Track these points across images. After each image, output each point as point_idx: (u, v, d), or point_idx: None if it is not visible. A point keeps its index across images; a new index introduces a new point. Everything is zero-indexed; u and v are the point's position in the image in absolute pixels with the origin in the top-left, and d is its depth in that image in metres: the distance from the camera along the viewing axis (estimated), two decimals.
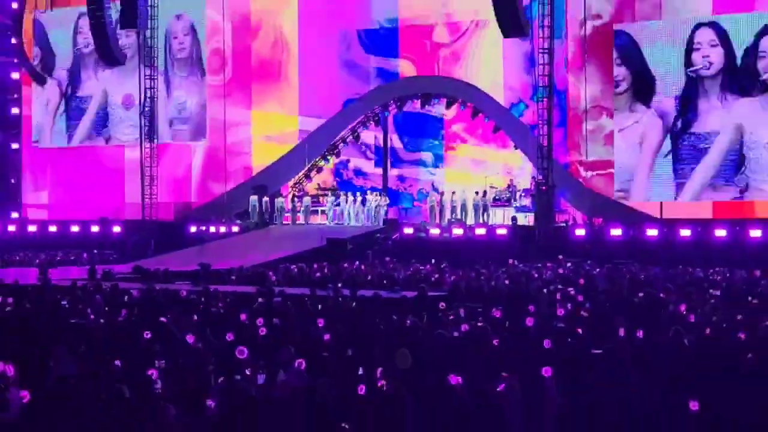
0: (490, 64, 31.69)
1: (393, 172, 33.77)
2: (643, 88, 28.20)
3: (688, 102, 27.51)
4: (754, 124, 26.94)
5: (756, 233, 25.64)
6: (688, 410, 8.82)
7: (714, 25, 27.30)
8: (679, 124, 27.59)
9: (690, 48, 27.27)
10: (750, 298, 16.79)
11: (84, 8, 31.58)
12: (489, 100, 30.52)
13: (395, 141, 33.91)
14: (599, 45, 29.51)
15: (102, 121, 37.24)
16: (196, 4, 34.82)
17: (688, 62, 27.54)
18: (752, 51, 26.56)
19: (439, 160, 33.55)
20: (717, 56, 26.97)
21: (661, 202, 28.37)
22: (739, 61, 26.88)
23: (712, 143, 27.42)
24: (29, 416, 7.50)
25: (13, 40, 37.72)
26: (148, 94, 32.66)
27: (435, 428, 8.46)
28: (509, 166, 31.66)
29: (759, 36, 26.40)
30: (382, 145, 33.25)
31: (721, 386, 9.49)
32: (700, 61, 27.32)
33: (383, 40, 33.92)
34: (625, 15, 29.10)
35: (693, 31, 27.37)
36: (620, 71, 28.69)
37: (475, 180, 31.21)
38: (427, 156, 33.71)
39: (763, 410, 8.89)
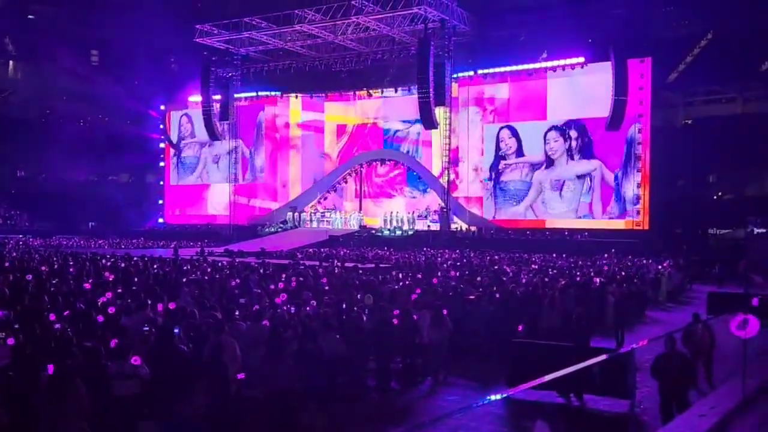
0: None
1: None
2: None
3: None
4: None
5: (551, 236, 38.61)
6: (517, 329, 12.87)
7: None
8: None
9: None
10: (550, 270, 22.76)
11: (199, 109, 47.35)
12: (416, 162, 46.13)
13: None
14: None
15: (205, 171, 52.87)
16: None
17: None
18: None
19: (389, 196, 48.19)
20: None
21: (507, 219, 42.45)
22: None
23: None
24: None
25: (162, 126, 53.66)
26: (234, 155, 49.24)
27: (383, 335, 11.18)
28: (427, 199, 46.15)
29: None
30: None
31: (531, 314, 13.87)
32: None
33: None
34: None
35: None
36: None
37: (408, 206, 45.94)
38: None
39: (563, 320, 13.48)
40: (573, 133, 41.03)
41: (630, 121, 37.90)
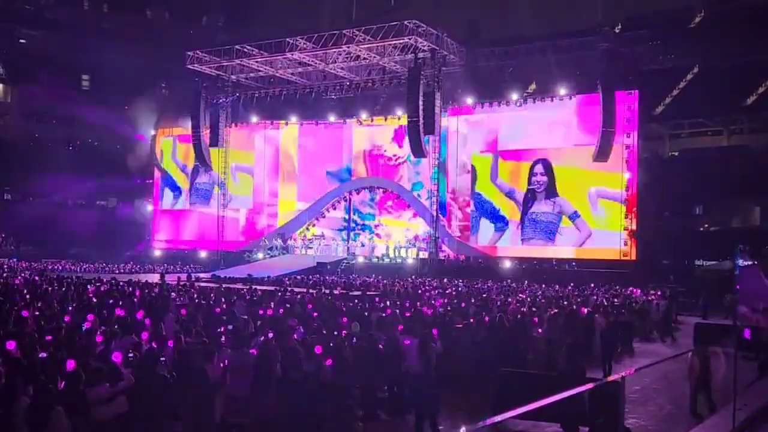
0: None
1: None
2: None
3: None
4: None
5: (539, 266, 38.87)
6: (504, 358, 12.92)
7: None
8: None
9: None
10: (539, 299, 23.03)
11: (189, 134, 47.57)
12: (405, 190, 46.05)
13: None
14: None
15: (194, 196, 52.79)
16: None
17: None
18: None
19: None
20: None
21: (496, 246, 42.08)
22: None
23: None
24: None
25: (151, 150, 53.91)
26: (222, 181, 49.60)
27: (369, 362, 11.23)
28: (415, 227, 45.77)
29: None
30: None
31: (519, 343, 14.45)
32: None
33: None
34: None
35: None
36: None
37: (395, 235, 45.87)
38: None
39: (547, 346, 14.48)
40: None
41: (617, 152, 38.11)
